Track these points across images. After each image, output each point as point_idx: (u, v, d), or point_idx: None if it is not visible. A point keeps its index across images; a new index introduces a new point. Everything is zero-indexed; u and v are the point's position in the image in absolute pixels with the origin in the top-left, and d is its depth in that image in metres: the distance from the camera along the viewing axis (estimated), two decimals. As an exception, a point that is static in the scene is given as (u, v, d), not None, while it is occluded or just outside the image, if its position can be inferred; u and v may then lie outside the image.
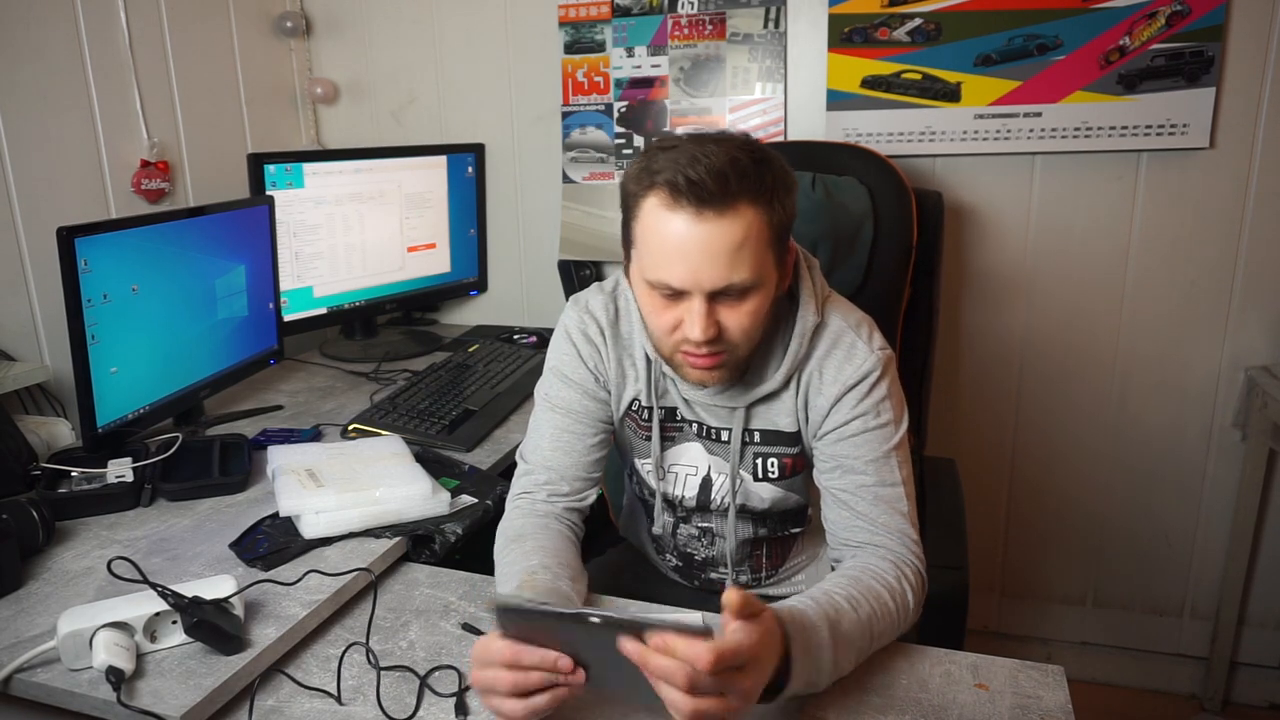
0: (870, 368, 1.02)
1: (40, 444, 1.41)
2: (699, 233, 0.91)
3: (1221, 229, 1.77)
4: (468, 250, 2.22)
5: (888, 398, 1.03)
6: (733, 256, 0.92)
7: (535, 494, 1.11)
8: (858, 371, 1.02)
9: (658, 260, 0.94)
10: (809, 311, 1.05)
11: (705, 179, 0.89)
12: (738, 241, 0.91)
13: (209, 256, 1.57)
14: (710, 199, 0.90)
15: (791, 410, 1.07)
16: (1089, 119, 1.75)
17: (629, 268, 1.03)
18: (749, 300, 0.95)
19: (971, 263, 1.92)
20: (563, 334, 1.15)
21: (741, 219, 0.92)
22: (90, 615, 0.91)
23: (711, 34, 1.94)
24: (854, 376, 1.02)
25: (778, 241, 0.97)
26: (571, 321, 1.14)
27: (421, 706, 0.89)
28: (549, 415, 1.13)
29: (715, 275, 0.92)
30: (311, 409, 1.69)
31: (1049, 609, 2.08)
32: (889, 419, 1.02)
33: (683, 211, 0.91)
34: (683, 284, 0.93)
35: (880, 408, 1.02)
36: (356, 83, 2.23)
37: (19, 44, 1.54)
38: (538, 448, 1.13)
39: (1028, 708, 0.86)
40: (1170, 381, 1.88)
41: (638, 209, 0.96)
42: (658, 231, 0.93)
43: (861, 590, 0.91)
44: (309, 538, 1.15)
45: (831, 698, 0.88)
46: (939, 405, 1.87)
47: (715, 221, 0.91)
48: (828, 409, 1.03)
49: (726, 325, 0.96)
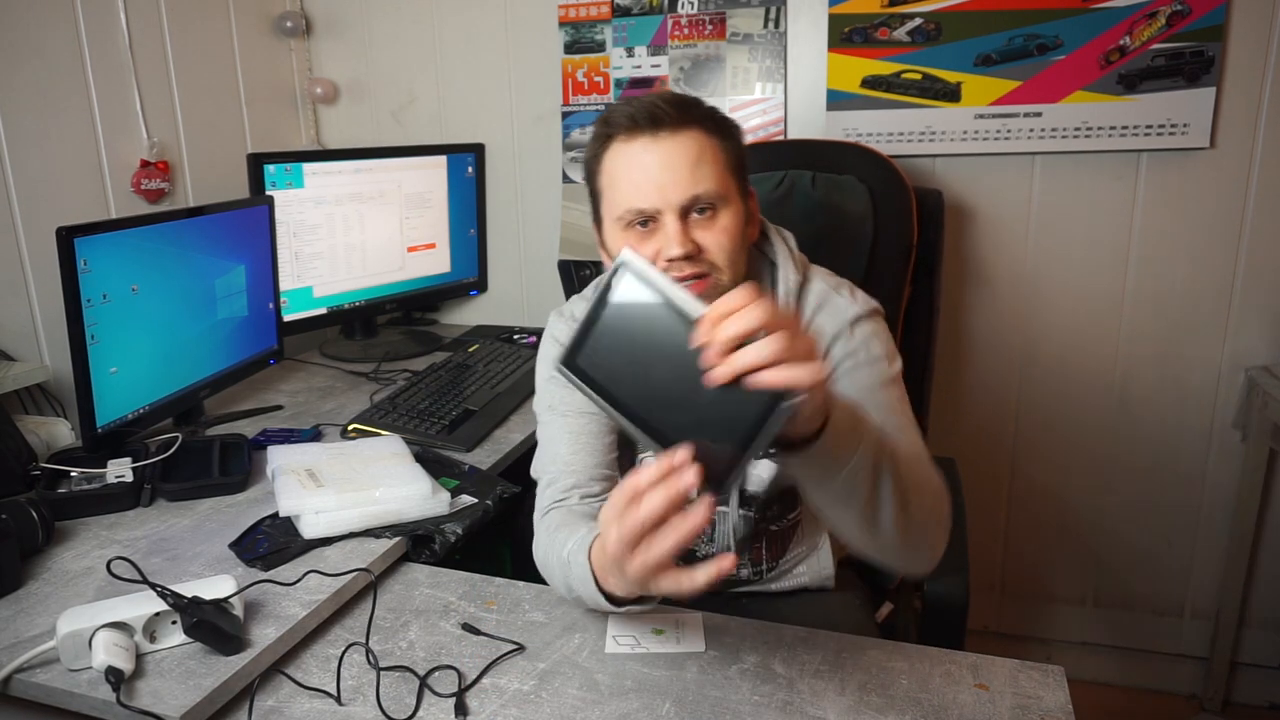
0: (852, 314, 1.05)
1: (40, 444, 1.41)
2: (658, 151, 0.97)
3: (1221, 229, 1.77)
4: (468, 250, 2.22)
5: (874, 337, 1.04)
6: (693, 169, 0.97)
7: (567, 499, 1.07)
8: (840, 321, 1.05)
9: (625, 190, 0.99)
10: (789, 271, 1.08)
11: (656, 103, 0.98)
12: (695, 155, 0.97)
13: (209, 256, 1.57)
14: (664, 120, 0.97)
15: None
16: (1089, 119, 1.75)
17: (602, 234, 1.06)
18: (720, 217, 1.00)
19: (972, 262, 1.92)
20: (550, 343, 1.15)
21: (695, 138, 0.98)
22: (90, 615, 0.91)
23: (711, 34, 1.94)
24: (837, 326, 1.04)
25: (736, 170, 1.03)
26: (559, 331, 1.15)
27: (421, 706, 0.89)
28: (559, 422, 1.11)
29: (680, 187, 0.97)
30: (311, 409, 1.69)
31: (1049, 609, 2.08)
32: (879, 354, 1.03)
33: (640, 136, 0.98)
34: (650, 203, 0.97)
35: (868, 345, 1.03)
36: (356, 83, 2.23)
37: (19, 44, 1.54)
38: (555, 457, 1.09)
39: (1028, 708, 0.86)
40: (1170, 382, 1.88)
41: (600, 163, 1.02)
42: (621, 165, 0.99)
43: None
44: (309, 538, 1.15)
45: (831, 698, 0.88)
46: (939, 405, 1.87)
47: (671, 139, 0.97)
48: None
49: (704, 243, 0.99)
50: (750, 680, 0.91)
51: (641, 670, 0.93)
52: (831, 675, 0.91)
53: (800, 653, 0.95)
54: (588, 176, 1.06)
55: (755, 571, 1.22)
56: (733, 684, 0.91)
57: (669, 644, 0.97)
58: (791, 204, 1.56)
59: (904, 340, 1.59)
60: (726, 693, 0.89)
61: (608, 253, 1.07)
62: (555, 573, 0.97)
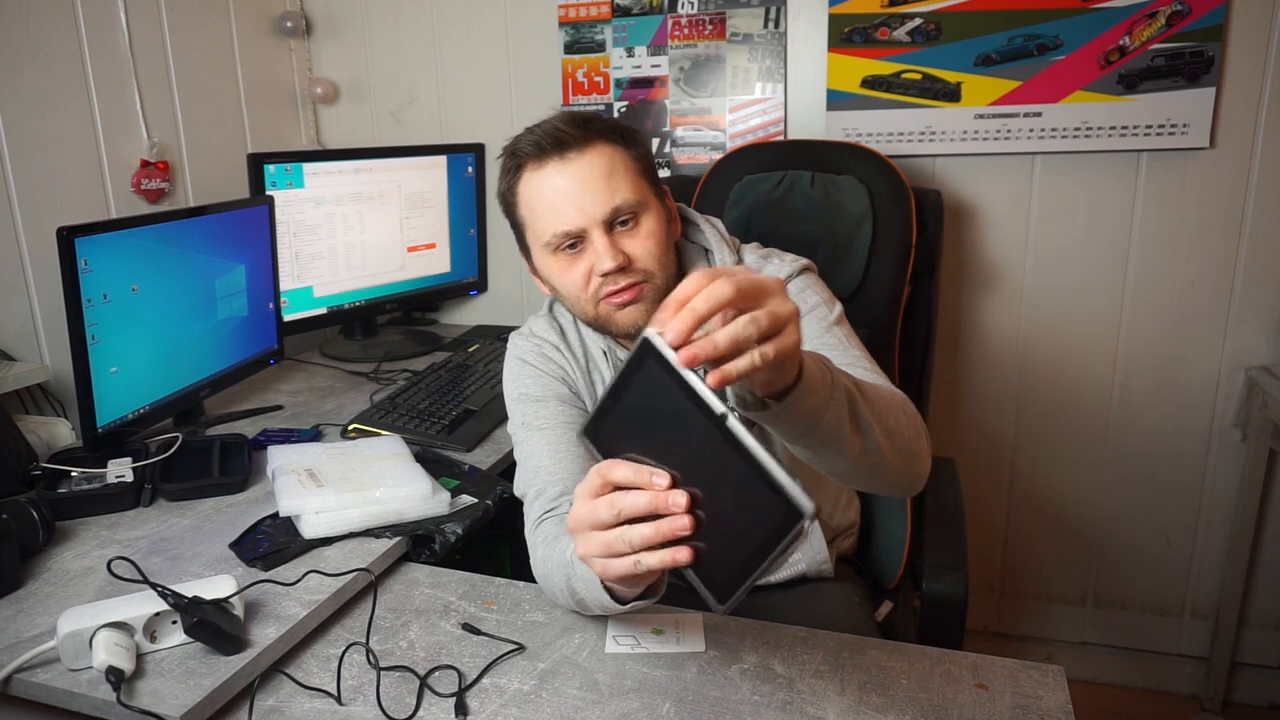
0: (785, 274, 1.08)
1: (40, 444, 1.41)
2: (570, 172, 1.00)
3: (1221, 229, 1.77)
4: (468, 250, 2.22)
5: (807, 289, 1.07)
6: (608, 182, 1.00)
7: (558, 507, 1.05)
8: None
9: (548, 216, 1.02)
10: (725, 254, 1.11)
11: (558, 127, 1.01)
12: (606, 168, 1.00)
13: (209, 256, 1.57)
14: (569, 141, 1.00)
15: None
16: (1089, 119, 1.76)
17: (533, 265, 1.10)
18: (643, 224, 1.03)
19: (971, 262, 1.92)
20: (516, 363, 1.16)
21: (602, 152, 1.01)
22: (90, 615, 0.91)
23: (711, 34, 1.94)
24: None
25: (648, 174, 1.06)
26: (522, 350, 1.16)
27: (421, 706, 0.89)
28: (535, 437, 1.09)
29: (599, 202, 1.00)
30: (311, 409, 1.69)
31: (1049, 609, 2.08)
32: (817, 301, 1.06)
33: (550, 162, 1.01)
34: (574, 223, 1.00)
35: (804, 297, 1.06)
36: (356, 83, 2.23)
37: (19, 44, 1.54)
38: (538, 469, 1.07)
39: (1028, 708, 0.86)
40: (1170, 381, 1.88)
41: (516, 194, 1.05)
42: (537, 192, 1.02)
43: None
44: (309, 538, 1.15)
45: (831, 698, 0.88)
46: (939, 405, 1.87)
47: (579, 158, 1.00)
48: None
49: (632, 253, 1.02)
50: (750, 680, 0.91)
51: (641, 670, 0.93)
52: (831, 675, 0.91)
53: (800, 653, 0.95)
54: (506, 210, 1.09)
55: None
56: (733, 684, 0.91)
57: (669, 644, 0.97)
58: (791, 204, 1.56)
59: (903, 340, 1.59)
60: (726, 693, 0.89)
61: (541, 280, 1.11)
62: (556, 580, 0.96)
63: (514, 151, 1.04)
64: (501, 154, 1.06)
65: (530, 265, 1.12)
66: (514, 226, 1.10)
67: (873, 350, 1.08)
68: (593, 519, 0.68)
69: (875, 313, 1.53)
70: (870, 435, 0.80)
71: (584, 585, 0.89)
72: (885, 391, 0.89)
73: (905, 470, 0.88)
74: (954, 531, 1.37)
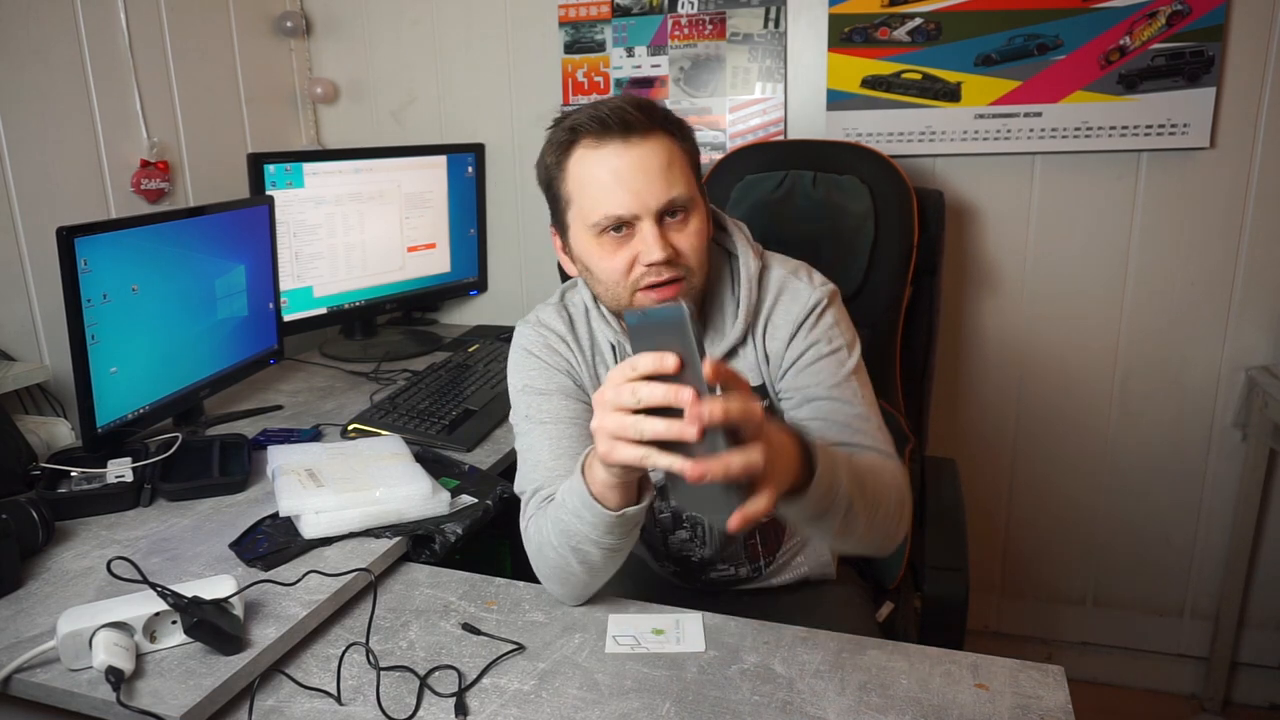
0: (815, 300, 1.07)
1: (40, 444, 1.41)
2: (632, 156, 0.98)
3: (1221, 229, 1.77)
4: (468, 250, 2.22)
5: (836, 324, 1.07)
6: (666, 173, 0.98)
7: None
8: (804, 307, 1.07)
9: (600, 197, 0.99)
10: (749, 259, 1.09)
11: (624, 108, 0.98)
12: (666, 160, 0.99)
13: (209, 256, 1.57)
14: (634, 125, 0.97)
15: (754, 364, 1.09)
16: (1089, 119, 1.75)
17: (566, 241, 1.06)
18: (691, 220, 1.01)
19: (972, 262, 1.92)
20: (521, 354, 1.14)
21: (663, 142, 0.99)
22: (90, 615, 0.91)
23: (711, 34, 1.94)
24: (801, 312, 1.06)
25: (697, 170, 1.05)
26: (528, 340, 1.14)
27: (421, 706, 0.89)
28: (538, 430, 1.09)
29: (656, 192, 0.98)
30: (311, 409, 1.69)
31: (1049, 609, 2.08)
32: (841, 344, 1.06)
33: (611, 142, 0.98)
34: (629, 209, 0.98)
35: (831, 334, 1.06)
36: (356, 83, 2.23)
37: (19, 44, 1.54)
38: (538, 464, 1.07)
39: (1028, 708, 0.86)
40: (1170, 381, 1.88)
41: (565, 169, 1.01)
42: (593, 171, 0.99)
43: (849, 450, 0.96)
44: (309, 538, 1.15)
45: (831, 698, 0.88)
46: (939, 405, 1.87)
47: (642, 144, 0.98)
48: (784, 348, 1.07)
49: (679, 247, 1.00)
50: (750, 680, 0.91)
51: (641, 670, 0.93)
52: (831, 675, 0.91)
53: (800, 653, 0.95)
54: (547, 182, 1.05)
55: (754, 569, 1.22)
56: (733, 684, 0.91)
57: (669, 644, 0.97)
58: (792, 204, 1.56)
59: (904, 340, 1.59)
60: (726, 693, 0.89)
61: (571, 258, 1.08)
62: (547, 533, 0.98)
63: (572, 126, 1.00)
64: (553, 125, 1.03)
65: (562, 242, 1.08)
66: (552, 200, 1.06)
67: (873, 350, 1.08)
68: (616, 400, 0.74)
69: (877, 313, 1.53)
70: (854, 525, 0.90)
71: (572, 504, 0.92)
72: (883, 475, 0.96)
73: (874, 546, 0.98)
74: (954, 531, 1.37)
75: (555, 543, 0.97)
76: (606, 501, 0.89)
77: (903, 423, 1.50)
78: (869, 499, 0.91)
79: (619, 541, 0.94)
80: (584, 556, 0.96)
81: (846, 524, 0.89)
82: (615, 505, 0.90)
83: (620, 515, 0.90)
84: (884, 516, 0.95)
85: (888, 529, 0.97)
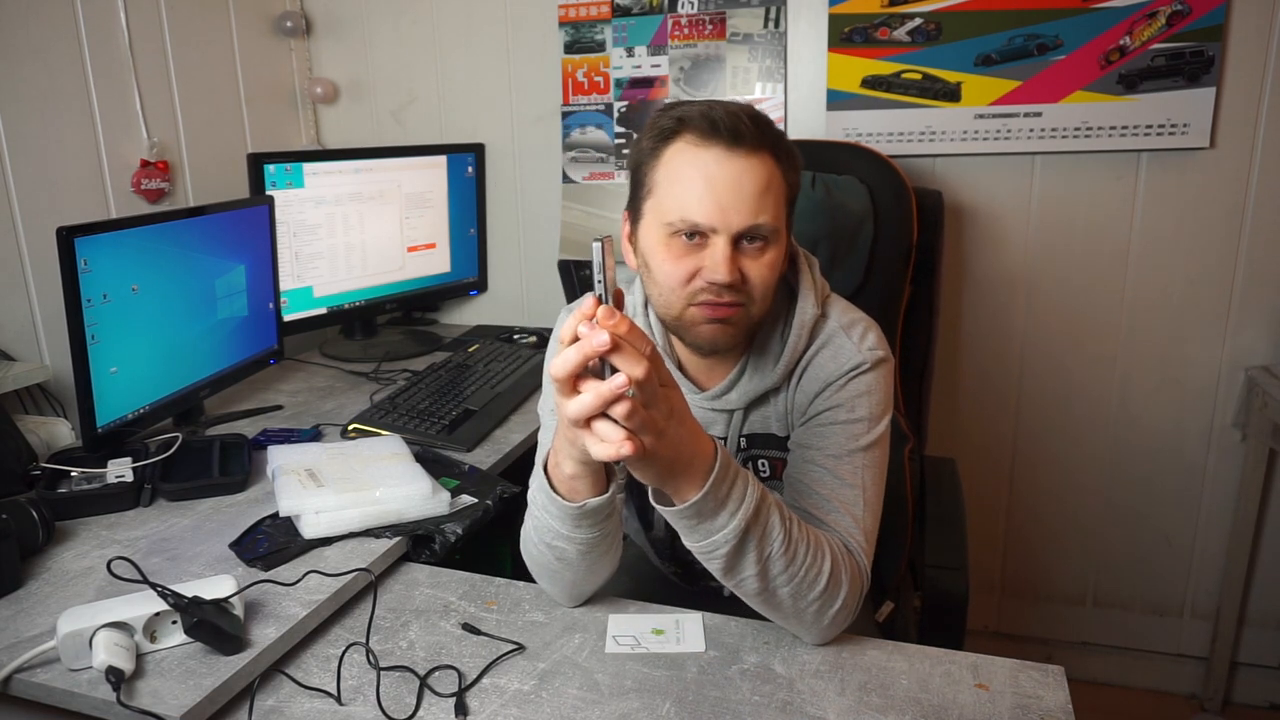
0: (854, 363, 1.01)
1: (40, 444, 1.41)
2: (731, 169, 0.92)
3: (1221, 229, 1.77)
4: (468, 250, 2.22)
5: (865, 395, 1.00)
6: (760, 198, 0.93)
7: None
8: (840, 367, 1.02)
9: (684, 199, 0.93)
10: (809, 304, 1.04)
11: (740, 116, 0.92)
12: (764, 183, 0.93)
13: (209, 256, 1.57)
14: (744, 137, 0.92)
15: (783, 414, 1.07)
16: (1089, 119, 1.75)
17: (635, 230, 1.01)
18: (768, 252, 0.96)
19: (972, 262, 1.92)
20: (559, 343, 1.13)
21: (766, 164, 0.94)
22: (90, 615, 0.91)
23: (711, 34, 1.94)
24: (836, 371, 1.02)
25: (791, 205, 0.99)
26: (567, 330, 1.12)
27: (421, 706, 0.89)
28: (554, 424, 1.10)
29: (743, 213, 0.92)
30: (311, 409, 1.69)
31: (1049, 609, 2.08)
32: (863, 416, 1.00)
33: (715, 147, 0.92)
34: (710, 220, 0.92)
35: (855, 403, 1.00)
36: (356, 83, 2.23)
37: (19, 44, 1.54)
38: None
39: (1028, 708, 0.86)
40: (1170, 381, 1.88)
41: (660, 156, 0.96)
42: (687, 169, 0.93)
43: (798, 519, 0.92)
44: (309, 538, 1.15)
45: (831, 698, 0.88)
46: (939, 405, 1.87)
47: (746, 160, 0.92)
48: (808, 403, 1.03)
49: (749, 274, 0.95)
50: (750, 680, 0.91)
51: (641, 670, 0.93)
52: (831, 675, 0.92)
53: (800, 653, 0.95)
54: (636, 164, 0.99)
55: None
56: (733, 684, 0.91)
57: (669, 644, 0.97)
58: (792, 204, 1.56)
59: (904, 340, 1.59)
60: (726, 693, 0.89)
61: (634, 249, 1.03)
62: (529, 532, 0.99)
63: (681, 117, 0.94)
64: (663, 108, 0.98)
65: (629, 229, 1.03)
66: (635, 184, 1.00)
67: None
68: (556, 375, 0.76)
69: (876, 313, 1.52)
70: (772, 586, 0.88)
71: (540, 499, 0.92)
72: (827, 559, 0.90)
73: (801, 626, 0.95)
74: (954, 531, 1.37)
75: (535, 539, 0.98)
76: (571, 495, 0.89)
77: (902, 422, 1.50)
78: (795, 568, 0.87)
79: (591, 535, 0.92)
80: (560, 553, 0.96)
81: (763, 578, 0.87)
82: (578, 498, 0.89)
83: (581, 507, 0.89)
84: (813, 600, 0.90)
85: (816, 615, 0.91)
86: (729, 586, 0.90)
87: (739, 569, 0.87)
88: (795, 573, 0.88)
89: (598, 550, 0.96)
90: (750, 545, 0.85)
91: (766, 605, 0.92)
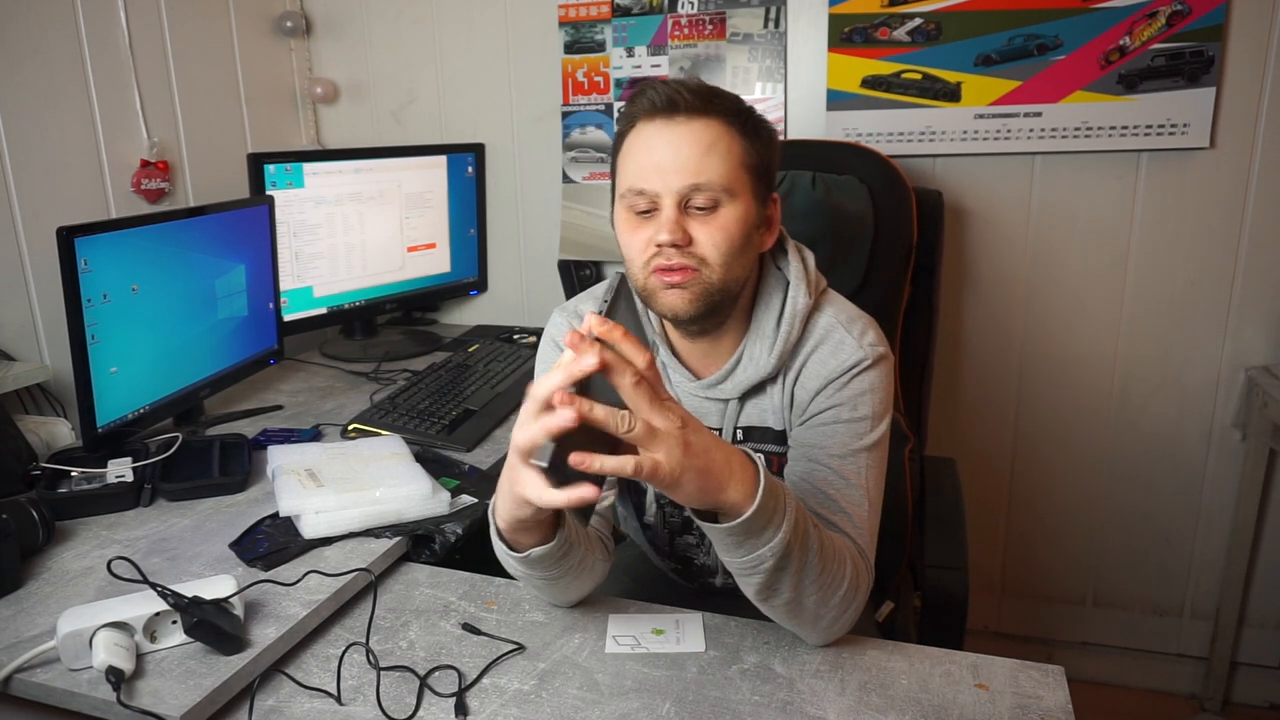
0: (855, 359, 1.01)
1: (40, 444, 1.41)
2: (670, 135, 0.95)
3: (1221, 229, 1.77)
4: (468, 250, 2.22)
5: (868, 393, 1.01)
6: (700, 158, 0.94)
7: None
8: (841, 364, 1.01)
9: (631, 170, 0.97)
10: (800, 292, 1.04)
11: (681, 90, 0.95)
12: (706, 144, 0.94)
13: (209, 256, 1.57)
14: (684, 106, 0.94)
15: (779, 408, 1.06)
16: (1089, 119, 1.75)
17: (612, 216, 1.04)
18: (720, 214, 0.96)
19: (971, 262, 1.92)
20: (550, 344, 1.14)
21: (713, 127, 0.95)
22: (90, 615, 0.91)
23: (711, 34, 1.94)
24: (837, 369, 1.01)
25: (755, 171, 0.98)
26: (561, 330, 1.12)
27: (421, 706, 0.89)
28: None
29: (683, 174, 0.94)
30: (311, 409, 1.69)
31: (1049, 609, 2.08)
32: (865, 415, 1.00)
33: (657, 119, 0.96)
34: (650, 184, 0.95)
35: (858, 401, 1.00)
36: (356, 83, 2.23)
37: (19, 44, 1.54)
38: None
39: (1028, 708, 0.86)
40: (1170, 381, 1.88)
41: (623, 143, 0.99)
42: (634, 144, 0.97)
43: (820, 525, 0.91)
44: (309, 538, 1.15)
45: (831, 698, 0.88)
46: (939, 405, 1.87)
47: (686, 124, 0.95)
48: (809, 400, 1.03)
49: (696, 236, 0.95)
50: (750, 680, 0.91)
51: (641, 670, 0.93)
52: (831, 675, 0.92)
53: (800, 653, 0.95)
54: (612, 155, 1.04)
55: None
56: (733, 684, 0.91)
57: (669, 644, 0.97)
58: (791, 204, 1.56)
59: (903, 340, 1.59)
60: (726, 693, 0.89)
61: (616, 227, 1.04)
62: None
63: (633, 99, 0.98)
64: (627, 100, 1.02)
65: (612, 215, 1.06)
66: (611, 174, 1.05)
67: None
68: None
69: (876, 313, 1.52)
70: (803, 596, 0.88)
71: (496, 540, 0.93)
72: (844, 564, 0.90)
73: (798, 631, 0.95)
74: (954, 531, 1.37)
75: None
76: (516, 544, 0.90)
77: (902, 422, 1.50)
78: (825, 577, 0.87)
79: (548, 573, 0.94)
80: (528, 581, 0.98)
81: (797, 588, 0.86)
82: (521, 548, 0.90)
83: (525, 557, 0.90)
84: (834, 606, 0.90)
85: (832, 620, 0.92)
86: (759, 601, 0.88)
87: (778, 585, 0.86)
88: (825, 582, 0.88)
89: (564, 581, 0.97)
90: (791, 559, 0.84)
91: (788, 612, 0.90)
